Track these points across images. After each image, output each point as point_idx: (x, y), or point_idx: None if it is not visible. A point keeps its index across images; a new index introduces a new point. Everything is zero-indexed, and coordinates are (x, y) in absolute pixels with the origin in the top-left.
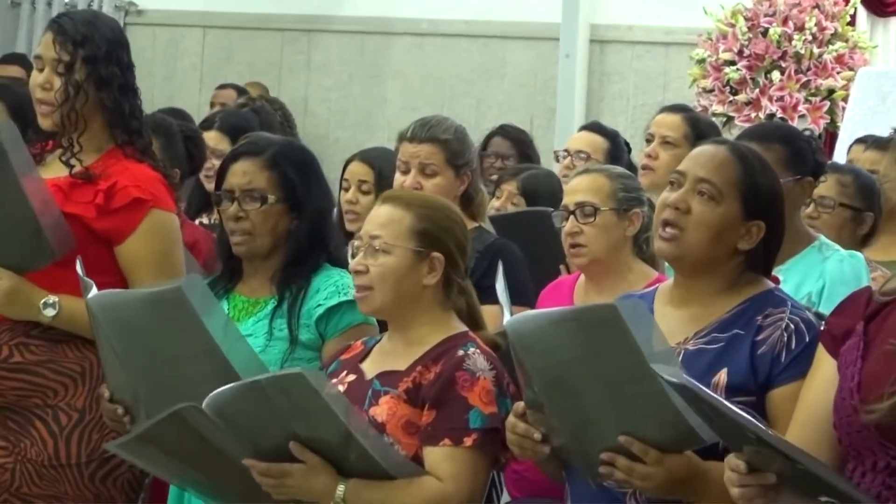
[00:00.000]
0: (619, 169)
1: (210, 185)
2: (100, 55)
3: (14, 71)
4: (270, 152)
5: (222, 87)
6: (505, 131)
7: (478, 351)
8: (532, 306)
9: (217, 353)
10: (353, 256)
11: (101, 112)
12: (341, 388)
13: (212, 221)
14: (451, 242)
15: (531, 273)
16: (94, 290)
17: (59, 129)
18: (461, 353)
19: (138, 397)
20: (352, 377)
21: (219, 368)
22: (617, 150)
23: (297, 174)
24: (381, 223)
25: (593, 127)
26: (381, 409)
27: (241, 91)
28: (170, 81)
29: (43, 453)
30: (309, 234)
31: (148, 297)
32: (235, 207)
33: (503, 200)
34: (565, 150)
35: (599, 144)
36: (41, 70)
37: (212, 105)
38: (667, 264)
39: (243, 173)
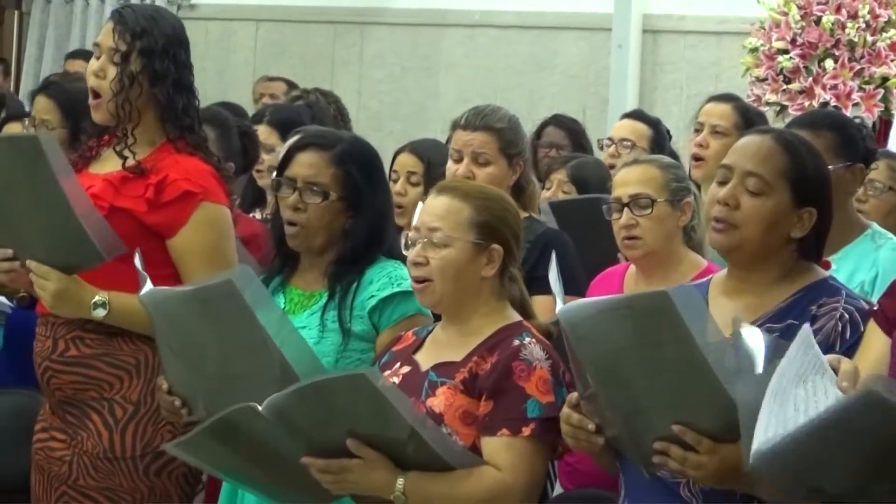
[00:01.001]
0: (668, 159)
1: (262, 181)
2: (156, 49)
3: (80, 66)
4: (339, 149)
5: (272, 79)
6: (558, 121)
7: (533, 340)
8: (583, 296)
9: (270, 346)
10: (407, 247)
11: (154, 106)
12: (396, 379)
13: (264, 217)
14: (509, 233)
15: (589, 259)
16: (148, 285)
17: (112, 120)
18: (517, 342)
19: (195, 391)
20: (406, 368)
21: (273, 361)
22: (660, 137)
23: (361, 174)
24: (439, 215)
25: (636, 115)
26: (439, 400)
27: (291, 85)
28: (222, 76)
29: (99, 446)
30: (366, 234)
31: (199, 292)
32: (296, 197)
33: (554, 189)
34: (609, 139)
35: (643, 132)
36: (98, 58)
37: (260, 95)
38: (716, 253)
39: (309, 165)
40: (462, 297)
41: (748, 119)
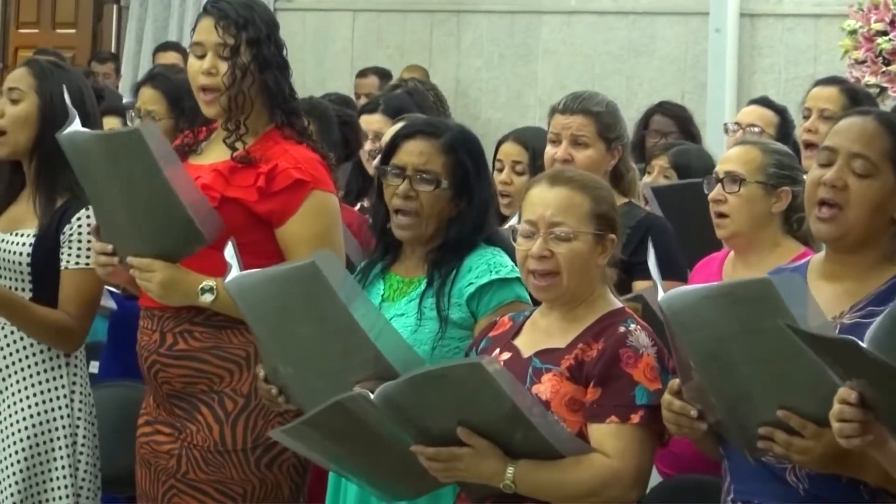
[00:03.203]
0: (778, 145)
1: (371, 169)
2: (262, 37)
3: (171, 58)
4: (448, 136)
5: (362, 74)
6: (665, 108)
7: (639, 327)
8: (684, 280)
9: (356, 329)
10: (515, 238)
11: (264, 93)
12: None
13: (374, 196)
14: (619, 221)
15: (693, 244)
16: (234, 273)
17: (225, 113)
18: (623, 329)
19: (287, 377)
20: (507, 355)
21: (363, 345)
22: (786, 125)
23: (470, 162)
24: (561, 208)
25: (763, 101)
26: (545, 387)
27: (382, 75)
28: (321, 67)
29: (209, 439)
30: (474, 222)
31: (283, 274)
32: (407, 185)
33: (655, 175)
34: (736, 123)
35: (770, 119)
36: (201, 56)
37: (357, 96)
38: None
39: (420, 153)
40: (581, 287)
41: (856, 100)
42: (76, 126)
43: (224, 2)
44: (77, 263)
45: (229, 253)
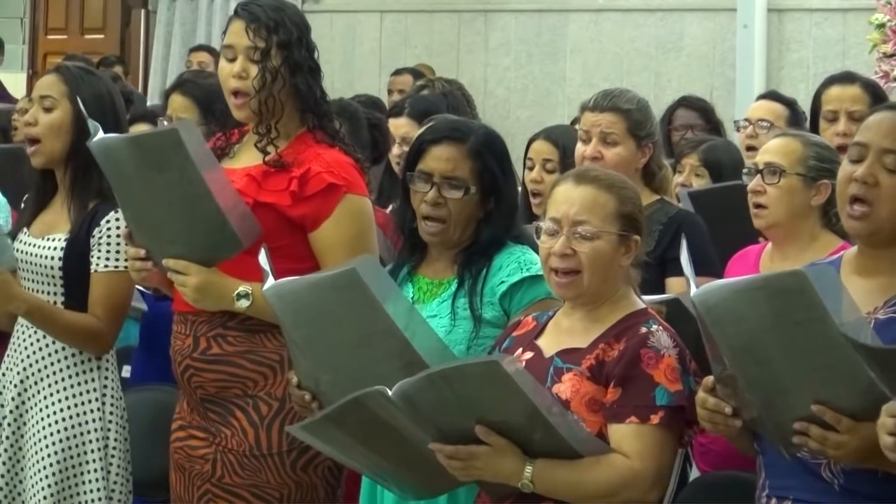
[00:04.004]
0: (818, 138)
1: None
2: (292, 40)
3: (203, 57)
4: (474, 141)
5: (398, 72)
6: (687, 102)
7: (660, 328)
8: (718, 277)
9: (398, 336)
10: (538, 235)
11: (295, 97)
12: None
13: (399, 198)
14: (643, 221)
15: (728, 246)
16: (270, 280)
17: (256, 117)
18: (644, 330)
19: (320, 383)
20: (529, 354)
21: (401, 352)
22: (796, 118)
23: (497, 165)
24: (586, 207)
25: (772, 95)
26: (565, 387)
27: (417, 75)
28: (349, 68)
29: (244, 443)
30: (503, 223)
31: (323, 282)
32: (435, 193)
33: (686, 174)
34: (746, 120)
35: (780, 113)
36: (232, 60)
37: (389, 92)
38: None
39: (447, 159)
40: (602, 287)
41: (877, 95)
42: (101, 133)
43: (255, 5)
44: (106, 266)
45: (263, 259)
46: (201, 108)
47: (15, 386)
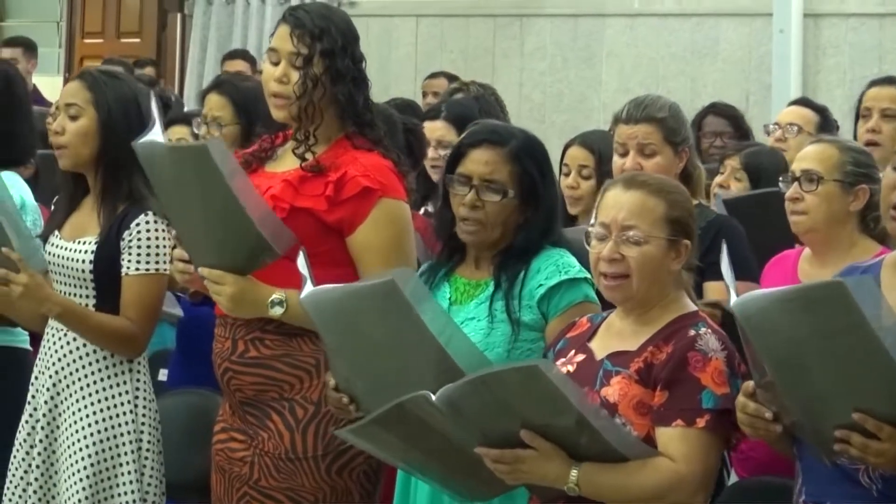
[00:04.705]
0: (854, 143)
1: (436, 176)
2: (336, 49)
3: (238, 65)
4: (514, 145)
5: (433, 75)
6: (716, 109)
7: (709, 331)
8: (756, 281)
9: (433, 345)
10: (588, 241)
11: (335, 104)
12: (570, 367)
13: (439, 201)
14: (694, 226)
15: (764, 253)
16: (308, 287)
17: (294, 121)
18: (692, 333)
19: (357, 388)
20: (581, 356)
21: (436, 359)
22: (827, 124)
23: (536, 170)
24: (634, 212)
25: (803, 101)
26: (613, 390)
27: (451, 78)
28: (385, 72)
29: (280, 446)
30: (542, 228)
31: (361, 291)
32: (473, 196)
33: (726, 176)
34: (776, 124)
35: (810, 118)
36: (275, 63)
37: (424, 94)
38: None
39: (485, 163)
40: (652, 291)
41: None
42: (152, 135)
43: (303, 10)
44: (137, 269)
45: (301, 264)
46: (236, 107)
47: (47, 389)
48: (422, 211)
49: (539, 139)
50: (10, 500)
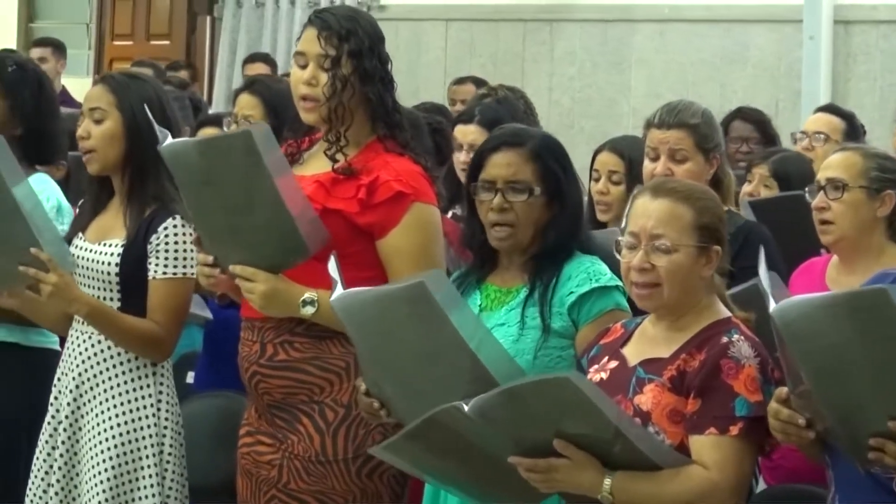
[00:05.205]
0: (878, 149)
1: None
2: (364, 49)
3: (259, 69)
4: (533, 144)
5: (459, 81)
6: (743, 114)
7: (742, 337)
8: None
9: (464, 349)
10: (619, 250)
11: (365, 106)
12: (604, 374)
13: (465, 212)
14: (724, 232)
15: (791, 256)
16: (339, 290)
17: (325, 124)
18: (725, 339)
19: (388, 393)
20: (614, 363)
21: (467, 364)
22: (853, 130)
23: (559, 166)
24: (663, 220)
25: (830, 108)
26: (646, 398)
27: (478, 83)
28: (413, 76)
29: (310, 449)
30: (569, 225)
31: (391, 294)
32: (500, 199)
33: (755, 184)
34: (802, 132)
35: (837, 125)
36: (303, 66)
37: (452, 102)
38: None
39: (507, 164)
40: (684, 298)
41: None
42: (171, 139)
43: (328, 13)
44: (164, 273)
45: (332, 268)
46: (267, 108)
47: (70, 391)
48: (450, 214)
49: (556, 138)
50: (31, 500)
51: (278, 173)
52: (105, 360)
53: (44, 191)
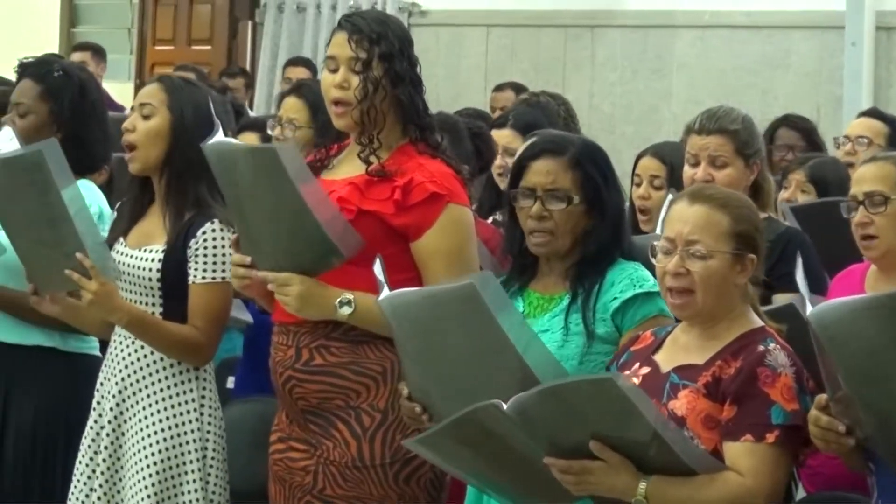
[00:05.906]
0: None
1: (503, 184)
2: (394, 52)
3: (300, 72)
4: (573, 152)
5: (499, 88)
6: (790, 121)
7: (778, 346)
8: (825, 294)
9: (511, 351)
10: (654, 255)
11: (396, 108)
12: (636, 380)
13: (505, 219)
14: (760, 240)
15: (830, 261)
16: (385, 291)
17: (357, 127)
18: (762, 348)
19: (431, 395)
20: (646, 370)
21: (513, 367)
22: None
23: (599, 174)
24: (698, 226)
25: (873, 113)
26: (681, 403)
27: (518, 89)
28: (454, 81)
29: (346, 455)
30: (611, 233)
31: (440, 294)
32: (539, 206)
33: (792, 190)
34: (845, 137)
35: (880, 130)
36: (334, 70)
37: (492, 110)
38: None
39: (547, 172)
40: (717, 305)
41: None
42: (220, 136)
43: (358, 16)
44: (204, 278)
45: (378, 270)
46: (313, 112)
47: (113, 396)
48: (490, 220)
49: (598, 145)
50: None
51: (303, 184)
52: (148, 365)
53: (86, 196)
